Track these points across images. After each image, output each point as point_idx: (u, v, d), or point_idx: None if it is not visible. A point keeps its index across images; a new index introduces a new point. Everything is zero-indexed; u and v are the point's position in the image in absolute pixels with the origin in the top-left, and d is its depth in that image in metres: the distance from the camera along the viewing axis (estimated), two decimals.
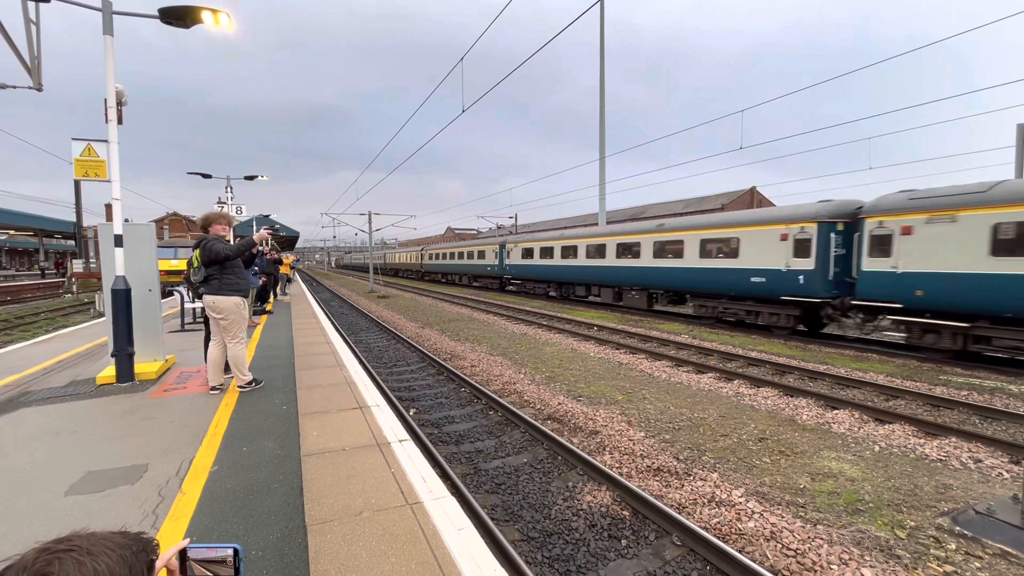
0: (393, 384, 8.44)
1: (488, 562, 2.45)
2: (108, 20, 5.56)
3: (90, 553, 0.67)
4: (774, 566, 3.37)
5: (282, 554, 2.47)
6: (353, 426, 4.31)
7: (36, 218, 40.99)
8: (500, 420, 6.55)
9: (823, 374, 8.36)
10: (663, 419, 6.30)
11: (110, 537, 0.72)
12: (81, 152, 5.92)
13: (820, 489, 4.42)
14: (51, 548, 0.66)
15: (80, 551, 0.66)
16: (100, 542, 0.70)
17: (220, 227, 5.21)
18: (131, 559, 0.71)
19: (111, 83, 5.54)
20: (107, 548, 0.69)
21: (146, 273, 6.23)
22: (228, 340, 5.18)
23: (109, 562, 0.67)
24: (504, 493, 4.58)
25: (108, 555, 0.68)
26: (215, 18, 5.85)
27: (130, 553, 0.71)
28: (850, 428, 5.95)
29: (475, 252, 31.80)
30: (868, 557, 3.42)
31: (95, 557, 0.66)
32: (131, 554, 0.72)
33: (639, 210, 44.07)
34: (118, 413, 4.65)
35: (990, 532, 3.65)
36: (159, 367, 6.07)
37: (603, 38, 21.42)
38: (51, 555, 0.65)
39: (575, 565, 3.51)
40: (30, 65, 6.10)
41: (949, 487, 4.43)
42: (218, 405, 4.88)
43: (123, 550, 0.71)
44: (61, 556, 0.65)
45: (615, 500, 4.32)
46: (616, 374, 8.78)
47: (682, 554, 3.61)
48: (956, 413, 6.56)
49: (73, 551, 0.66)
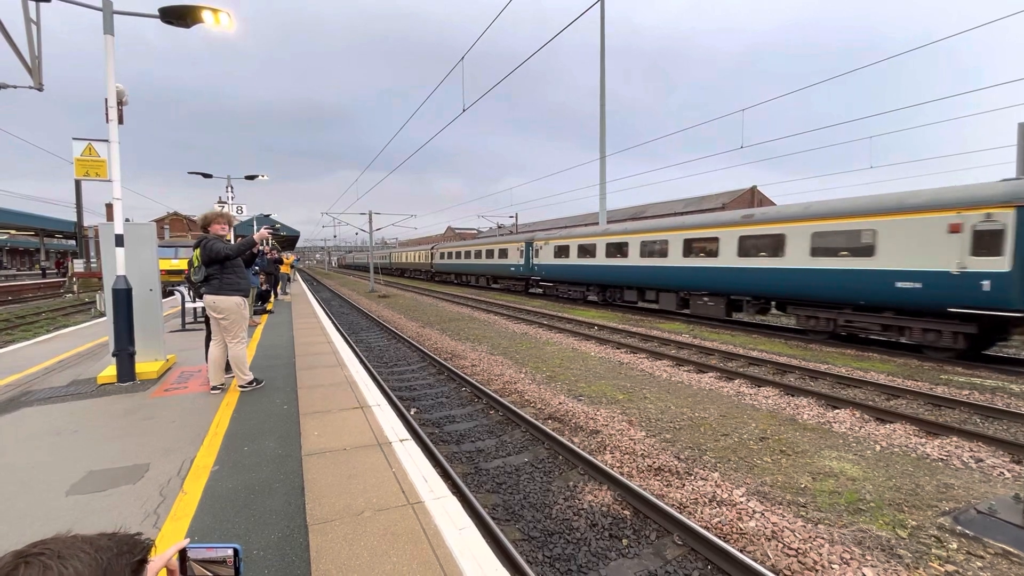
0: (394, 384, 8.44)
1: (490, 562, 2.45)
2: (109, 20, 5.56)
3: (60, 557, 0.66)
4: (775, 566, 3.37)
5: (283, 554, 2.47)
6: (354, 426, 4.31)
7: (37, 218, 41.02)
8: (501, 420, 6.55)
9: (824, 373, 8.35)
10: (664, 418, 6.30)
11: (93, 540, 0.71)
12: (82, 152, 5.92)
13: (821, 489, 4.42)
14: (24, 552, 0.66)
15: (50, 554, 0.66)
16: (76, 545, 0.69)
17: (219, 226, 5.21)
18: (108, 561, 0.70)
19: (111, 83, 5.54)
20: (82, 551, 0.68)
21: (147, 273, 6.24)
22: (229, 340, 5.18)
23: (79, 566, 0.66)
24: (505, 493, 4.58)
25: (79, 558, 0.67)
26: (215, 18, 5.85)
27: (110, 555, 0.70)
28: (851, 427, 5.95)
29: (495, 251, 28.71)
30: (869, 557, 3.41)
31: (64, 561, 0.66)
32: (110, 556, 0.70)
33: (639, 209, 44.07)
34: (119, 413, 4.65)
35: (992, 532, 3.65)
36: (160, 367, 6.07)
37: (603, 37, 21.41)
38: (20, 559, 0.65)
39: (576, 565, 3.51)
40: (31, 65, 6.10)
41: (950, 486, 4.43)
42: (219, 405, 4.88)
43: (101, 552, 0.70)
44: (29, 560, 0.65)
45: (616, 500, 4.31)
46: (617, 373, 8.77)
47: (683, 554, 3.60)
48: (957, 412, 6.56)
49: (43, 555, 0.66)
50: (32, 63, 6.09)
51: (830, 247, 11.05)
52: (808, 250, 11.42)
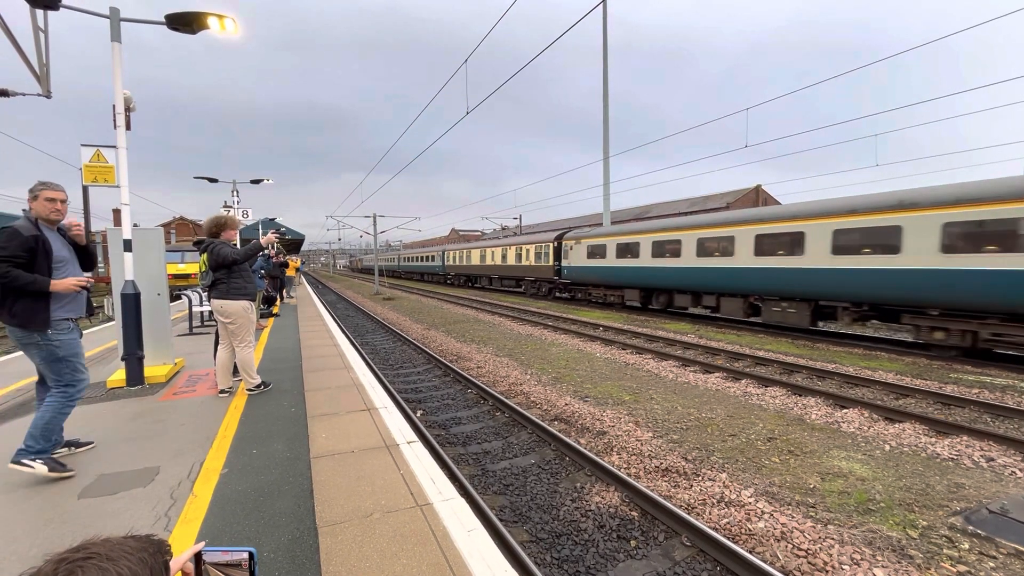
0: (400, 386, 8.46)
1: (499, 563, 2.45)
2: (116, 27, 5.61)
3: (110, 559, 0.67)
4: (785, 566, 3.35)
5: (294, 556, 2.48)
6: (361, 428, 4.33)
7: None
8: (507, 421, 6.55)
9: (832, 373, 8.30)
10: (671, 419, 6.28)
11: (123, 542, 0.72)
12: (90, 158, 5.98)
13: (830, 489, 4.39)
14: (69, 558, 0.66)
15: (100, 557, 0.66)
16: (117, 547, 0.70)
17: (231, 232, 5.29)
18: (150, 561, 0.71)
19: (119, 89, 5.59)
20: (125, 552, 0.69)
21: (155, 277, 6.29)
22: (236, 344, 5.21)
23: (131, 565, 0.67)
24: (512, 494, 4.58)
25: (128, 559, 0.68)
26: (221, 23, 5.90)
27: (148, 555, 0.72)
28: (860, 427, 5.91)
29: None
30: (880, 557, 3.39)
31: (115, 562, 0.66)
32: (149, 556, 0.72)
33: (643, 210, 44.01)
34: (129, 416, 4.69)
35: (1004, 531, 3.61)
36: (168, 370, 6.11)
37: (606, 37, 21.41)
38: (71, 564, 0.65)
39: (584, 566, 3.51)
40: (39, 72, 6.17)
41: (961, 486, 4.39)
42: (227, 408, 4.91)
43: (141, 553, 0.71)
44: (82, 564, 0.65)
45: (623, 501, 4.30)
46: (623, 374, 8.76)
47: (692, 555, 3.59)
48: (967, 411, 6.50)
49: (92, 558, 0.66)
50: (40, 71, 6.16)
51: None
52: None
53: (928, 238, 9.42)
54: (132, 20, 5.88)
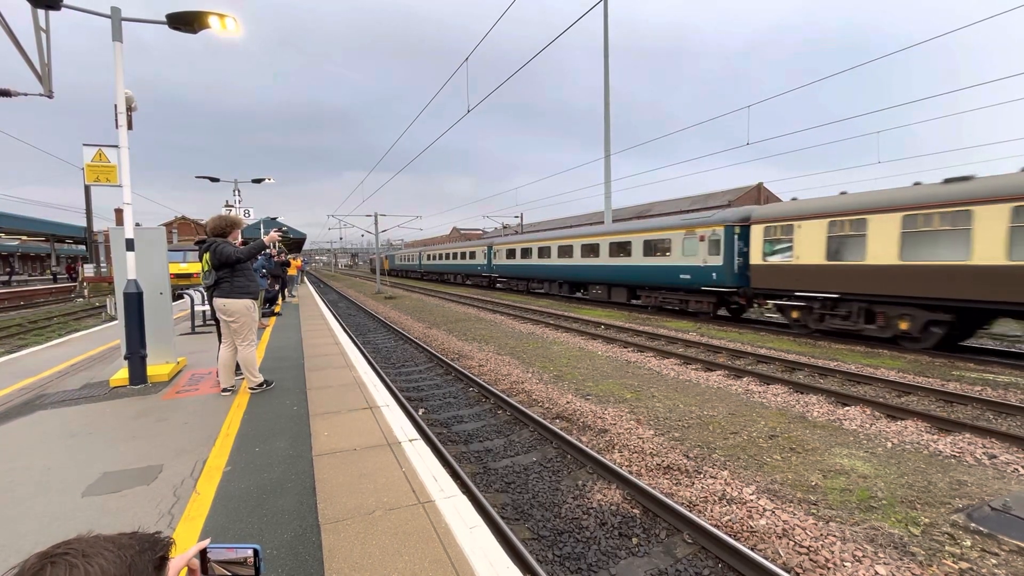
0: (402, 384, 8.47)
1: (501, 560, 2.46)
2: (117, 27, 5.61)
3: (84, 555, 0.67)
4: (787, 563, 3.35)
5: (297, 553, 2.49)
6: (363, 426, 4.34)
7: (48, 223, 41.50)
8: (509, 419, 6.56)
9: (833, 370, 8.29)
10: (672, 417, 6.28)
11: (115, 539, 0.72)
12: (92, 157, 5.99)
13: (832, 486, 4.39)
14: (48, 552, 0.67)
15: (75, 554, 0.67)
16: (100, 544, 0.70)
17: (236, 232, 5.31)
18: (132, 558, 0.71)
19: (120, 88, 5.60)
20: (105, 549, 0.69)
21: (157, 276, 6.30)
22: (239, 342, 5.22)
23: (103, 563, 0.67)
24: (514, 492, 4.59)
25: (104, 556, 0.68)
26: (222, 23, 5.90)
27: (132, 552, 0.71)
28: (862, 425, 5.91)
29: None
30: (882, 554, 3.39)
31: (89, 559, 0.67)
32: (133, 553, 0.71)
33: (645, 208, 43.92)
34: (132, 415, 4.71)
35: (1006, 528, 3.61)
36: (171, 369, 6.13)
37: (607, 36, 21.36)
38: (44, 559, 0.66)
39: (586, 563, 3.52)
40: (40, 72, 6.18)
41: (963, 483, 4.39)
42: (230, 406, 4.93)
43: (123, 550, 0.71)
44: (53, 560, 0.66)
45: (625, 498, 4.31)
46: (624, 372, 8.76)
47: (693, 552, 3.60)
48: (970, 409, 6.49)
49: (68, 554, 0.66)
50: (41, 70, 6.17)
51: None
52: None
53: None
54: (133, 20, 5.88)
